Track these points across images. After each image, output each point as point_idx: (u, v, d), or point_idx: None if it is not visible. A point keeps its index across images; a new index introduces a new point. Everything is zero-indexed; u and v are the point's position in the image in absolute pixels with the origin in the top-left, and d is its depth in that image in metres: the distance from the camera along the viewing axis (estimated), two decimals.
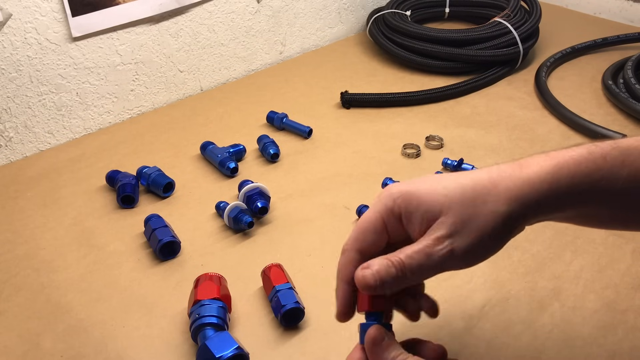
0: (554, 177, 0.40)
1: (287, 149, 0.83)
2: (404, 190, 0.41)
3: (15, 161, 0.84)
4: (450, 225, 0.39)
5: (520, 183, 0.40)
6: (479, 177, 0.41)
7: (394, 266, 0.40)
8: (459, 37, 0.99)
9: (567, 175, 0.40)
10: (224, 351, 0.48)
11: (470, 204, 0.40)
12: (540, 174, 0.40)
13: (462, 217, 0.39)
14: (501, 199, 0.39)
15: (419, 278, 0.40)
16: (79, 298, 0.60)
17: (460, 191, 0.40)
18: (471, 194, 0.40)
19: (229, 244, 0.67)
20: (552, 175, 0.40)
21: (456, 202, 0.40)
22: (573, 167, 0.40)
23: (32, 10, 0.78)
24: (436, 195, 0.40)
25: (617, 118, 0.87)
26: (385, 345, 0.40)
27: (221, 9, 0.98)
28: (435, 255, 0.39)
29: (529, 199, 0.39)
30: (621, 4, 1.20)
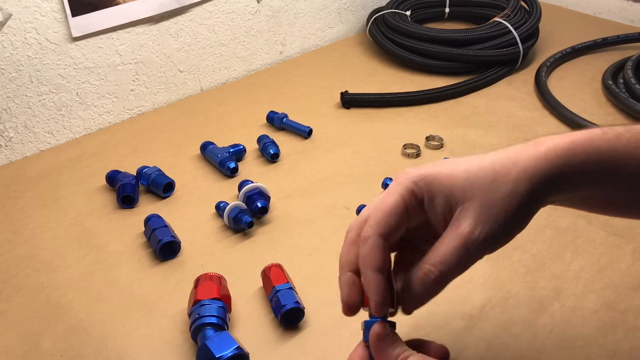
0: (569, 153, 0.40)
1: (287, 149, 0.83)
2: (424, 173, 0.40)
3: (15, 161, 0.84)
4: (476, 212, 0.39)
5: (537, 160, 0.40)
6: (498, 158, 0.40)
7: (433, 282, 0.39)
8: (459, 37, 0.99)
9: (582, 152, 0.40)
10: (224, 351, 0.48)
11: (492, 186, 0.39)
12: (555, 150, 0.40)
13: (486, 201, 0.39)
14: (521, 178, 0.39)
15: (458, 274, 0.40)
16: (79, 298, 0.60)
17: (482, 174, 0.40)
18: (492, 176, 0.40)
19: (229, 244, 0.67)
20: (568, 150, 0.40)
21: (478, 186, 0.39)
22: (587, 144, 0.40)
23: (32, 10, 0.78)
24: (458, 179, 0.40)
25: (617, 118, 0.87)
26: (390, 341, 0.40)
27: (221, 9, 0.98)
28: (470, 249, 0.39)
29: (548, 175, 0.39)
30: (621, 4, 1.20)
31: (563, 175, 0.40)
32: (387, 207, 0.40)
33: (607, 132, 0.41)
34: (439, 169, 0.41)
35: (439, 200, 0.40)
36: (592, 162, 0.40)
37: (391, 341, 0.40)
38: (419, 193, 0.40)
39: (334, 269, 0.50)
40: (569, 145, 0.40)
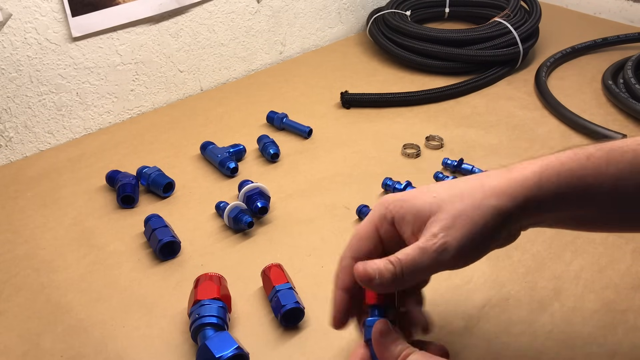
0: (540, 175, 0.41)
1: (287, 149, 0.83)
2: (396, 197, 0.44)
3: (15, 161, 0.84)
4: (441, 221, 0.41)
5: (507, 181, 0.41)
6: (468, 180, 0.43)
7: (391, 264, 0.41)
8: (459, 37, 0.99)
9: (552, 174, 0.41)
10: (224, 351, 0.48)
11: (460, 200, 0.41)
12: (526, 173, 0.41)
13: (452, 212, 0.41)
14: (489, 194, 0.41)
15: (415, 275, 0.41)
16: (79, 298, 0.60)
17: (449, 192, 0.42)
18: (460, 192, 0.42)
19: (229, 244, 0.67)
20: (538, 174, 0.41)
21: (446, 201, 0.41)
22: (558, 166, 0.41)
23: (32, 10, 0.78)
24: (426, 197, 0.42)
25: (617, 118, 0.87)
26: (392, 338, 0.41)
27: (221, 9, 0.98)
28: (429, 250, 0.40)
29: (517, 195, 0.41)
30: (621, 4, 1.20)
31: (535, 197, 0.41)
32: (359, 232, 0.45)
33: (577, 153, 0.42)
34: (411, 193, 0.44)
35: (408, 218, 0.42)
36: (563, 182, 0.41)
37: (394, 338, 0.41)
38: (389, 215, 0.43)
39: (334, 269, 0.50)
40: (539, 169, 0.41)
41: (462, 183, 0.43)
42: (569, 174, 0.41)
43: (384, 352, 0.41)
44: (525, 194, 0.41)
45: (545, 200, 0.41)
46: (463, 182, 0.43)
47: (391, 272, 0.41)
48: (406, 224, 0.43)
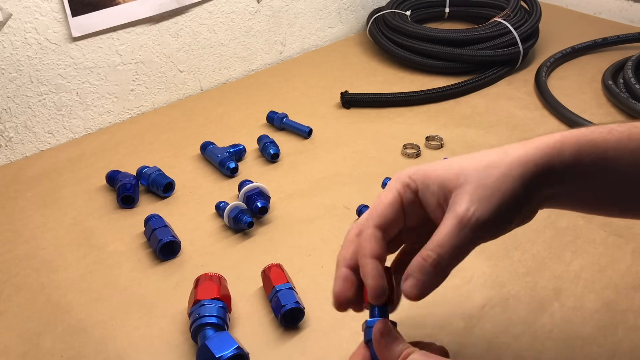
0: (560, 144, 0.41)
1: (287, 149, 0.83)
2: (420, 167, 0.42)
3: (15, 161, 0.84)
4: (469, 194, 0.39)
5: (528, 150, 0.41)
6: (491, 151, 0.42)
7: (430, 265, 0.39)
8: (459, 37, 0.99)
9: (573, 142, 0.41)
10: (224, 351, 0.48)
11: (486, 171, 0.40)
12: (547, 141, 0.41)
13: (479, 183, 0.40)
14: (514, 164, 0.40)
15: (456, 262, 0.40)
16: (79, 298, 0.60)
17: (475, 163, 0.41)
18: (485, 163, 0.41)
19: (229, 244, 0.67)
20: (558, 142, 0.41)
21: (471, 171, 0.40)
22: (578, 136, 0.41)
23: (32, 10, 0.78)
24: (452, 169, 0.41)
25: (617, 118, 0.87)
26: (393, 338, 0.41)
27: (221, 9, 0.98)
28: (465, 230, 0.39)
29: (540, 162, 0.40)
30: (621, 4, 1.20)
31: (554, 166, 0.40)
32: (383, 201, 0.42)
33: (599, 127, 0.42)
34: (433, 165, 0.42)
35: (433, 188, 0.41)
36: (584, 152, 0.40)
37: (394, 338, 0.41)
38: (413, 185, 0.42)
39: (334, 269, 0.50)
40: (559, 138, 0.41)
41: (485, 154, 0.42)
42: (589, 144, 0.41)
43: (384, 352, 0.41)
44: (547, 160, 0.40)
45: (566, 166, 0.40)
46: (486, 154, 0.42)
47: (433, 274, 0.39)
48: (431, 195, 0.41)
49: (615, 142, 0.41)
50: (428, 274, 0.39)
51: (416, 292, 0.40)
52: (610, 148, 0.40)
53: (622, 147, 0.41)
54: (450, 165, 0.41)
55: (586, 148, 0.41)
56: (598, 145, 0.41)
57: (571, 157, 0.40)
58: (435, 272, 0.40)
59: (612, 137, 0.41)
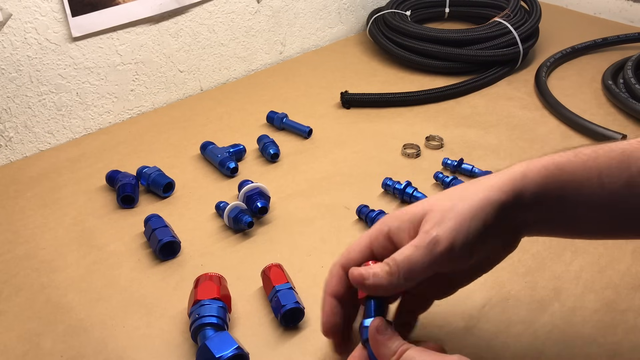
0: (526, 167, 0.43)
1: (287, 149, 0.83)
2: (393, 213, 0.45)
3: (15, 161, 0.84)
4: (432, 219, 0.42)
5: (496, 177, 0.43)
6: (464, 184, 0.44)
7: (387, 264, 0.42)
8: (459, 37, 0.99)
9: (537, 166, 0.42)
10: (224, 351, 0.48)
11: (449, 199, 0.42)
12: (514, 168, 0.43)
13: (442, 208, 0.42)
14: (479, 189, 0.42)
15: (412, 274, 0.41)
16: (79, 298, 0.60)
17: (442, 195, 0.44)
18: (450, 192, 0.44)
19: (229, 244, 0.67)
20: (525, 166, 0.43)
21: (439, 199, 0.43)
22: (544, 160, 0.43)
23: (32, 10, 0.78)
24: (422, 205, 0.44)
25: (617, 118, 0.87)
26: (389, 334, 0.41)
27: (221, 9, 0.98)
28: (421, 245, 0.41)
29: (505, 187, 0.42)
30: (621, 4, 1.20)
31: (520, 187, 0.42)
32: (352, 244, 0.46)
33: (566, 151, 0.43)
34: (410, 205, 0.45)
35: (404, 226, 0.44)
36: (551, 177, 0.42)
37: (390, 335, 0.41)
38: (385, 228, 0.45)
39: None
40: (525, 164, 0.43)
41: (457, 189, 0.44)
42: (554, 167, 0.42)
43: (380, 349, 0.41)
44: (512, 185, 0.42)
45: (533, 191, 0.42)
46: (458, 188, 0.44)
47: (386, 272, 0.41)
48: (403, 232, 0.44)
49: (581, 163, 0.42)
50: (381, 270, 0.42)
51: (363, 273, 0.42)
52: (577, 169, 0.41)
53: (588, 167, 0.41)
54: (422, 202, 0.44)
55: (552, 170, 0.42)
56: (563, 167, 0.42)
57: (537, 182, 0.42)
58: (386, 278, 0.41)
59: (578, 159, 0.42)
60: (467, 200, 0.42)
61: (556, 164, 0.42)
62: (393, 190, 0.71)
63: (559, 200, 0.42)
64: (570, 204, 0.42)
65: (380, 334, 0.41)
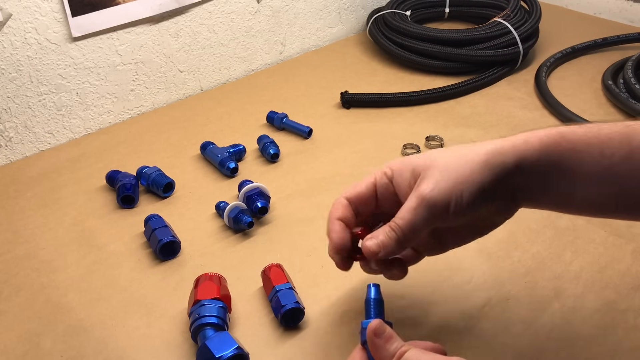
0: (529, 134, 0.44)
1: (287, 149, 0.83)
2: (399, 159, 0.48)
3: (15, 161, 0.84)
4: (431, 176, 0.43)
5: (498, 142, 0.45)
6: (467, 144, 0.46)
7: (392, 230, 0.44)
8: (459, 37, 0.99)
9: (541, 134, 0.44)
10: (224, 351, 0.48)
11: (450, 157, 0.44)
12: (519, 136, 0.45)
13: (442, 166, 0.44)
14: (481, 152, 0.44)
15: (416, 234, 0.44)
16: (79, 298, 0.60)
17: (447, 153, 0.45)
18: (453, 150, 0.45)
19: (229, 244, 0.67)
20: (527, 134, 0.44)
21: (440, 157, 0.44)
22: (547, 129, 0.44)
23: (32, 10, 0.78)
24: (425, 157, 0.46)
25: (617, 118, 0.87)
26: (387, 337, 0.41)
27: (221, 9, 0.98)
28: (420, 206, 0.43)
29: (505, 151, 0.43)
30: (621, 4, 1.20)
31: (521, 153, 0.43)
32: (358, 182, 0.49)
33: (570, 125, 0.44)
34: (414, 155, 0.47)
35: (405, 174, 0.46)
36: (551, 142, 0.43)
37: (388, 337, 0.41)
38: (389, 172, 0.48)
39: (334, 269, 0.50)
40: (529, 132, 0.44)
41: (461, 147, 0.46)
42: (557, 134, 0.43)
43: (379, 351, 0.41)
44: (513, 150, 0.43)
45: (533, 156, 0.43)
46: (462, 146, 0.46)
47: (394, 239, 0.44)
48: (403, 180, 0.46)
49: (583, 133, 0.42)
50: (389, 239, 0.44)
51: (374, 249, 0.44)
52: (579, 140, 0.42)
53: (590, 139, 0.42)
54: (425, 155, 0.46)
55: (555, 138, 0.43)
56: (566, 136, 0.43)
57: (538, 149, 0.43)
58: (396, 240, 0.44)
59: (582, 130, 0.43)
60: (467, 162, 0.43)
61: (559, 132, 0.43)
62: None
63: (558, 168, 0.43)
64: (570, 173, 0.43)
65: (378, 336, 0.41)
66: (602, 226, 0.66)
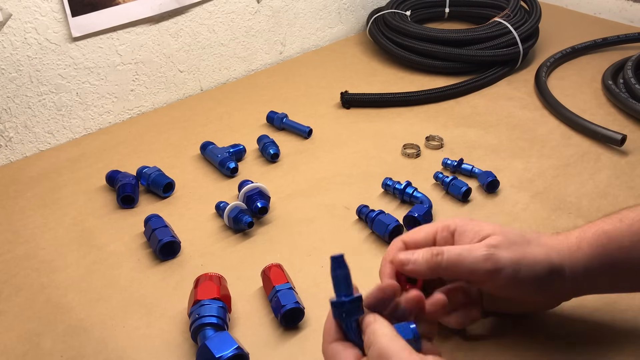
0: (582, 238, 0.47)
1: (287, 149, 0.83)
2: (465, 217, 0.50)
3: (15, 161, 0.84)
4: (498, 240, 0.45)
5: (559, 241, 0.47)
6: (527, 230, 0.48)
7: (430, 251, 0.45)
8: (459, 37, 0.99)
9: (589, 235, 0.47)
10: (224, 351, 0.48)
11: (518, 238, 0.46)
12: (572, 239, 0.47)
13: (509, 241, 0.46)
14: (541, 241, 0.47)
15: (453, 268, 0.45)
16: (79, 298, 0.60)
17: (510, 229, 0.47)
18: (519, 233, 0.47)
19: (229, 244, 0.67)
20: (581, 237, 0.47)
21: (507, 232, 0.46)
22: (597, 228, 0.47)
23: (32, 10, 0.78)
24: (490, 224, 0.48)
25: (617, 118, 0.87)
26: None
27: (221, 9, 0.98)
28: (476, 252, 0.44)
29: (564, 256, 0.46)
30: (621, 4, 1.20)
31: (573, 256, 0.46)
32: (419, 228, 0.50)
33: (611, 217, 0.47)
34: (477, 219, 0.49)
35: (469, 233, 0.47)
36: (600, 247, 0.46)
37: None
38: (452, 225, 0.48)
39: None
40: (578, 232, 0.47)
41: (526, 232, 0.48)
42: (604, 236, 0.46)
43: None
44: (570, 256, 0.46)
45: (584, 263, 0.46)
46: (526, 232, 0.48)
47: (426, 261, 0.45)
48: (465, 237, 0.47)
49: (627, 228, 0.46)
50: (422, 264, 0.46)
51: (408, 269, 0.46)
52: (625, 236, 0.46)
53: (633, 232, 0.45)
54: (493, 225, 0.48)
55: (603, 241, 0.46)
56: (612, 236, 0.46)
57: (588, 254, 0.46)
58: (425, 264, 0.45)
59: (624, 225, 0.46)
60: (530, 253, 0.45)
61: (605, 232, 0.46)
62: (393, 190, 0.71)
63: (608, 270, 0.46)
64: (618, 270, 0.46)
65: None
66: None
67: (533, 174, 0.75)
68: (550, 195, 0.71)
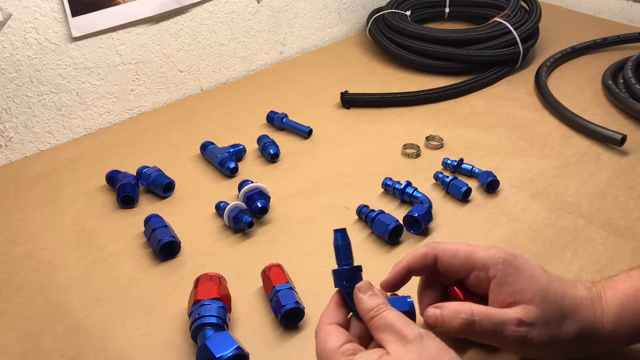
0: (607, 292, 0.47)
1: (287, 149, 0.83)
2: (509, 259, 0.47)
3: (15, 161, 0.84)
4: (534, 317, 0.44)
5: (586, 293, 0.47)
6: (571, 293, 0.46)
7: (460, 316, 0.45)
8: (459, 37, 0.99)
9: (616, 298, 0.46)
10: (224, 351, 0.48)
11: (555, 315, 0.45)
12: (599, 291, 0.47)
13: (545, 319, 0.44)
14: (578, 323, 0.45)
15: (480, 337, 0.45)
16: (79, 298, 0.60)
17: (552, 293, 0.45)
18: (560, 305, 0.45)
19: (229, 244, 0.67)
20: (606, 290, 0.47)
21: (545, 303, 0.45)
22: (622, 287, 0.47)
23: (32, 10, 0.78)
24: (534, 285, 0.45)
25: (617, 118, 0.87)
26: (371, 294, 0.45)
27: (221, 9, 0.98)
28: (509, 330, 0.44)
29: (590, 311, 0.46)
30: (621, 4, 1.20)
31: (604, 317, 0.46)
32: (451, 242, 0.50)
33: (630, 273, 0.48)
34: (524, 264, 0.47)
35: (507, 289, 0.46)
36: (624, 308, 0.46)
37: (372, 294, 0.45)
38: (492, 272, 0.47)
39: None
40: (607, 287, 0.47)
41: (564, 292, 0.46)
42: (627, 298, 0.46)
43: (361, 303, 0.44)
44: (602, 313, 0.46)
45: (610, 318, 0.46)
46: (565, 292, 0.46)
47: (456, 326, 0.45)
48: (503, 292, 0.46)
49: None
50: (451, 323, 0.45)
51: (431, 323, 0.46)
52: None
53: None
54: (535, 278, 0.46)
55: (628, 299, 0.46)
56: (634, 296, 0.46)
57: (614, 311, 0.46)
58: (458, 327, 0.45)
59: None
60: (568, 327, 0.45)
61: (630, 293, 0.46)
62: (393, 190, 0.71)
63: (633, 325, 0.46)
64: None
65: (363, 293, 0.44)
66: (602, 226, 0.66)
67: (533, 173, 0.75)
68: (550, 195, 0.71)
